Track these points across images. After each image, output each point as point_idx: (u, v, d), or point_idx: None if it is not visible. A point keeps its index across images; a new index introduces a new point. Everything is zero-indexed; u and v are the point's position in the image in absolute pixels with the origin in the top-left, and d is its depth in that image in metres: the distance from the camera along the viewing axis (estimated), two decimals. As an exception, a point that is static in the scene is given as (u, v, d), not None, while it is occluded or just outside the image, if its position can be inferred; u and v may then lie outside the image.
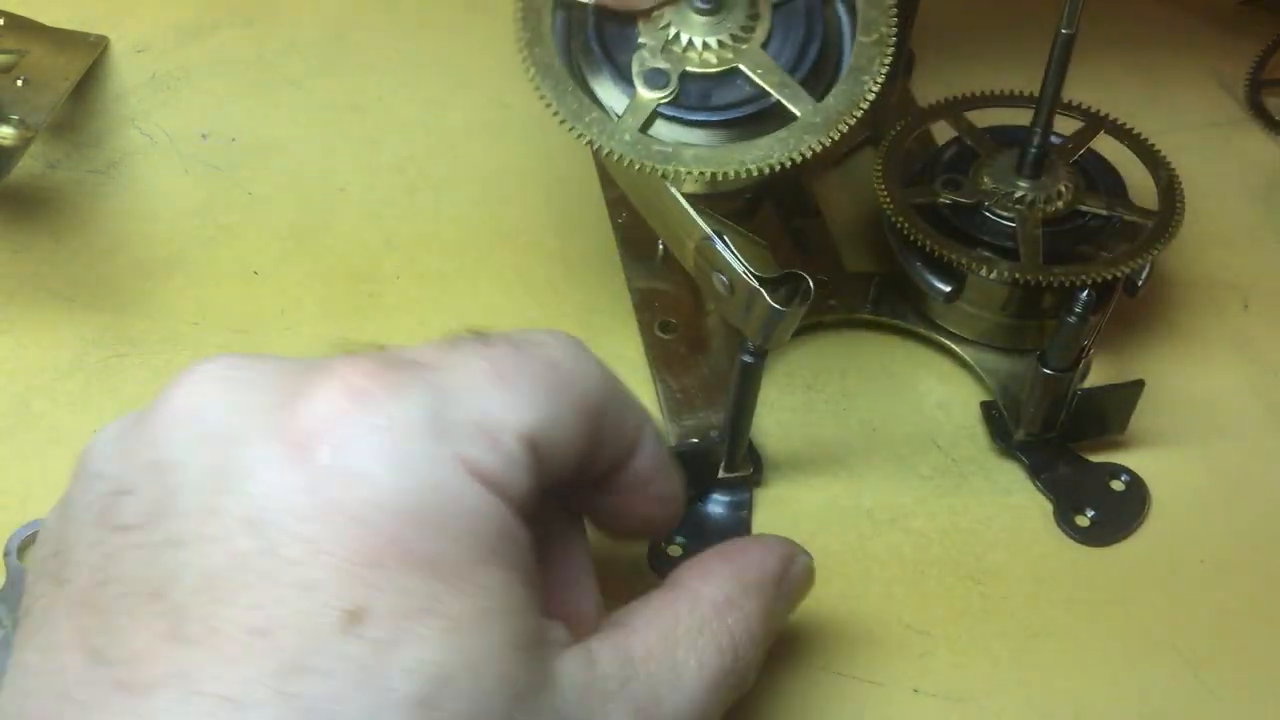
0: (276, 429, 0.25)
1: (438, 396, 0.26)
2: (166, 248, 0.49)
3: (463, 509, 0.25)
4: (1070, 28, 0.39)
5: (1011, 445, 0.43)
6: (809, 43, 0.36)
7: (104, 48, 0.57)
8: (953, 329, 0.45)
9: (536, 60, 0.35)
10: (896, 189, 0.44)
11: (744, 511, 0.41)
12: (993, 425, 0.43)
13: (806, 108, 0.35)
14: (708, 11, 0.35)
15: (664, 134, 0.35)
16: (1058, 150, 0.44)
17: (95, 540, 0.25)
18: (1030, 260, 0.41)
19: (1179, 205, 0.43)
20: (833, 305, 0.46)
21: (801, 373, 0.46)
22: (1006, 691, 0.37)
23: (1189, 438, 0.44)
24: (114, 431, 0.28)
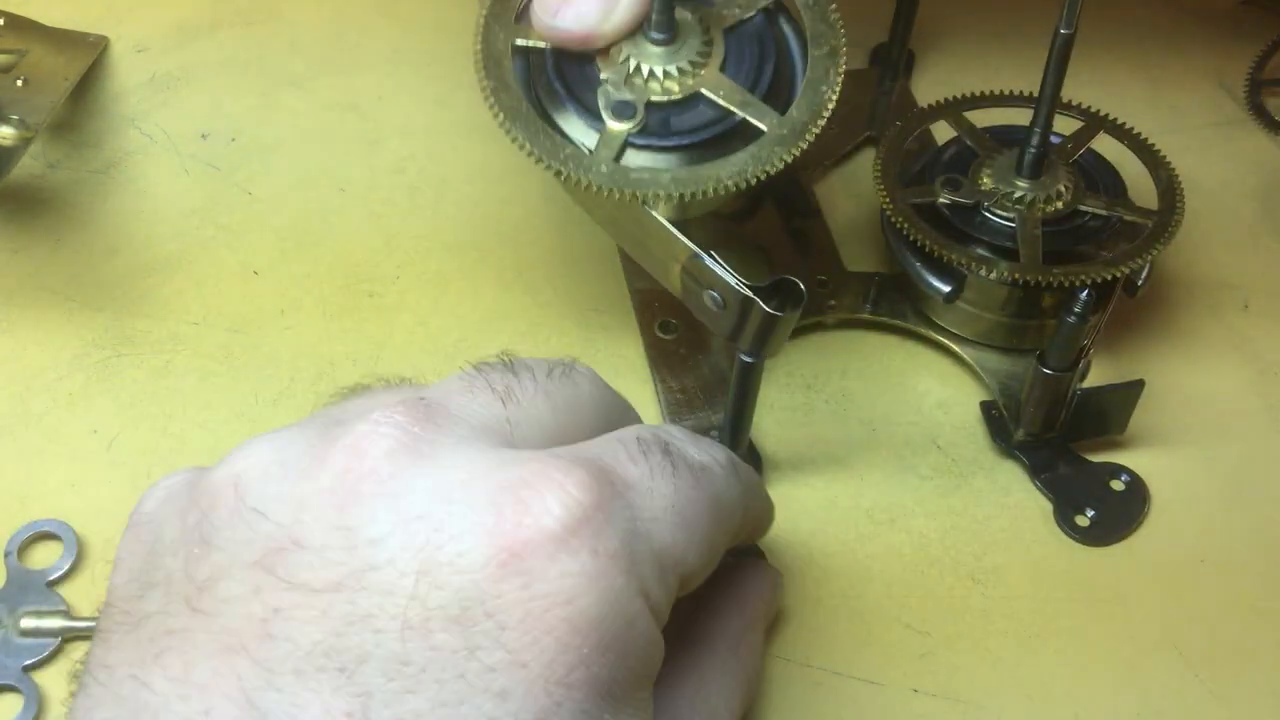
0: (492, 532, 0.25)
1: (633, 526, 0.26)
2: (166, 248, 0.49)
3: (638, 639, 0.26)
4: (1069, 28, 0.39)
5: (1011, 445, 0.43)
6: (764, 62, 0.37)
7: (104, 48, 0.57)
8: (952, 329, 0.45)
9: (504, 105, 0.36)
10: (896, 189, 0.44)
11: None
12: (992, 425, 0.43)
13: (772, 122, 0.36)
14: (663, 42, 0.36)
15: (637, 162, 0.36)
16: (1057, 150, 0.44)
17: (256, 585, 0.25)
18: (1030, 260, 0.41)
19: (1179, 205, 0.43)
20: (832, 305, 0.46)
21: (801, 373, 0.46)
22: (1006, 691, 0.37)
23: (1189, 437, 0.44)
24: (275, 467, 0.27)
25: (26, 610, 0.38)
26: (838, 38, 0.37)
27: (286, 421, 0.43)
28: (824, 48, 0.37)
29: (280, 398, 0.44)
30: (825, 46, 0.37)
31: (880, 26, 0.54)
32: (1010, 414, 0.43)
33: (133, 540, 0.28)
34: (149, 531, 0.28)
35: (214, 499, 0.27)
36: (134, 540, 0.28)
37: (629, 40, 0.36)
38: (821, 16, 0.38)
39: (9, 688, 0.37)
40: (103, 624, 0.27)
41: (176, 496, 0.28)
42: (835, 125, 0.52)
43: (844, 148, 0.53)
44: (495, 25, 0.38)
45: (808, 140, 0.36)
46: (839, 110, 0.53)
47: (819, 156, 0.52)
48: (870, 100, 0.55)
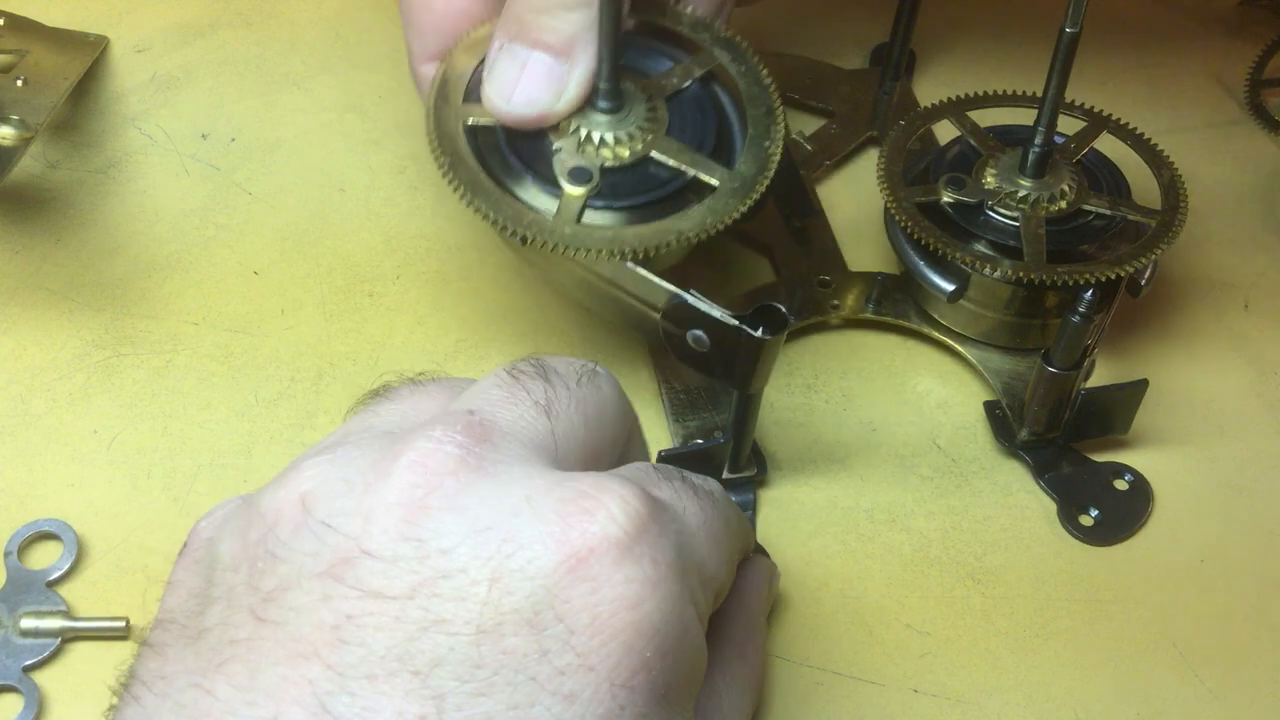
0: (560, 540, 0.26)
1: (681, 540, 0.28)
2: (166, 248, 0.49)
3: (691, 646, 0.27)
4: (1075, 26, 0.39)
5: (1015, 445, 0.43)
6: (706, 124, 0.40)
7: (104, 48, 0.57)
8: (956, 328, 0.45)
9: (463, 179, 0.38)
10: (899, 188, 0.44)
11: (749, 512, 0.41)
12: (996, 425, 0.43)
13: (722, 176, 0.38)
14: (611, 111, 0.38)
15: (598, 222, 0.38)
16: (1060, 150, 0.44)
17: (326, 593, 0.25)
18: (1034, 259, 0.41)
19: (1182, 204, 0.43)
20: (835, 305, 0.46)
21: (802, 373, 0.46)
22: (1006, 691, 0.37)
23: (1189, 437, 0.44)
24: (339, 484, 0.27)
25: (26, 610, 0.38)
26: (772, 98, 0.40)
27: (286, 421, 0.43)
28: (761, 107, 0.40)
29: (280, 398, 0.44)
30: (762, 106, 0.40)
31: (881, 26, 0.54)
32: (1014, 413, 0.43)
33: (189, 562, 0.28)
34: (206, 553, 0.28)
35: (279, 515, 0.27)
36: (190, 562, 0.28)
37: (578, 112, 0.38)
38: (755, 80, 0.40)
39: (9, 688, 0.37)
40: (155, 639, 0.27)
41: (232, 518, 0.28)
42: (837, 125, 0.53)
43: (846, 148, 0.53)
44: (444, 106, 0.39)
45: (760, 191, 0.38)
46: (839, 111, 0.54)
47: (821, 156, 0.52)
48: (872, 100, 0.55)
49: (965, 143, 0.45)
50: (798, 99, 0.55)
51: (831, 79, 0.56)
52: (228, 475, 0.42)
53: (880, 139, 0.49)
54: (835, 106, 0.54)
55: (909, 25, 0.52)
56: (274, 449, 0.43)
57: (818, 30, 0.59)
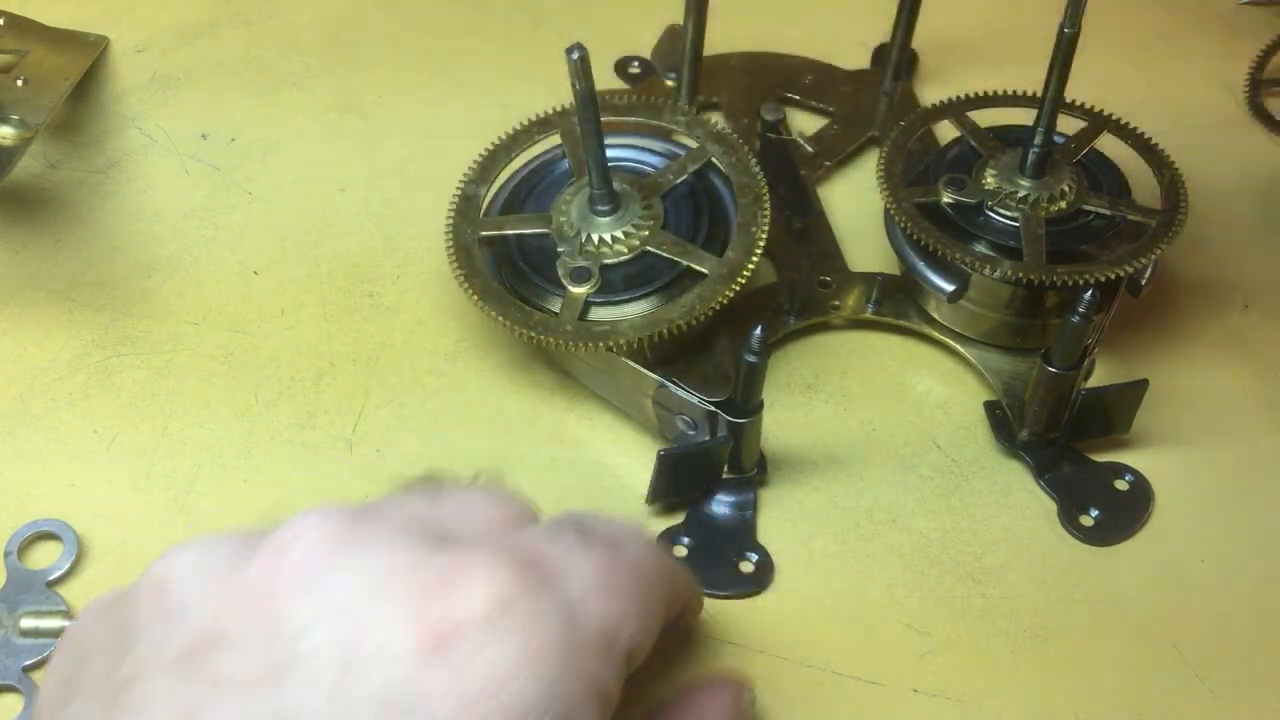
0: (418, 619, 0.25)
1: (567, 608, 0.26)
2: (166, 248, 0.49)
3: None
4: (1073, 26, 0.39)
5: (1015, 445, 0.43)
6: (699, 215, 0.42)
7: (104, 48, 0.57)
8: (956, 329, 0.45)
9: (477, 288, 0.41)
10: (899, 188, 0.44)
11: (749, 512, 0.41)
12: (996, 425, 0.43)
13: (712, 264, 0.41)
14: (607, 213, 0.41)
15: (603, 316, 0.41)
16: (1060, 150, 0.44)
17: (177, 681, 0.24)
18: (1034, 259, 0.41)
19: (1182, 204, 0.43)
20: (835, 306, 0.46)
21: (802, 373, 0.46)
22: (1006, 691, 0.37)
23: (1189, 437, 0.44)
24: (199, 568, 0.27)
25: (26, 610, 0.38)
26: (760, 185, 0.42)
27: (286, 421, 0.43)
28: (749, 195, 0.42)
29: (280, 398, 0.44)
30: (750, 195, 0.42)
31: (884, 27, 0.54)
32: (1014, 414, 0.43)
33: (63, 650, 0.28)
34: (79, 641, 0.28)
35: (136, 601, 0.26)
36: (63, 651, 0.28)
37: (580, 216, 0.41)
38: (744, 170, 0.43)
39: (9, 688, 0.37)
40: None
41: (107, 606, 0.28)
42: (838, 125, 0.53)
43: (847, 148, 0.53)
44: (463, 222, 0.43)
45: (745, 275, 0.40)
46: (839, 111, 0.53)
47: (822, 157, 0.52)
48: (873, 101, 0.55)
49: (966, 143, 0.45)
50: (798, 99, 0.55)
51: (832, 79, 0.56)
52: (228, 475, 0.42)
53: (881, 139, 0.49)
54: (836, 107, 0.54)
55: (909, 25, 0.52)
56: (274, 449, 0.43)
57: (820, 30, 0.59)
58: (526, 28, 0.60)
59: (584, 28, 0.58)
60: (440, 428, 0.43)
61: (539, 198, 0.44)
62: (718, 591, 0.39)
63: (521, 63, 0.58)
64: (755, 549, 0.40)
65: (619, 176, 0.43)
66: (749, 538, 0.41)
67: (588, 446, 0.43)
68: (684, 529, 0.41)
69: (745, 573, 0.40)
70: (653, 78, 0.56)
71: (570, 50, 0.38)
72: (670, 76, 0.56)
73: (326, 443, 0.43)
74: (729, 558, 0.40)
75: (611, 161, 0.44)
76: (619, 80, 0.57)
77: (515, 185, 0.45)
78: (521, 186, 0.45)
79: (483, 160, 0.45)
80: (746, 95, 0.55)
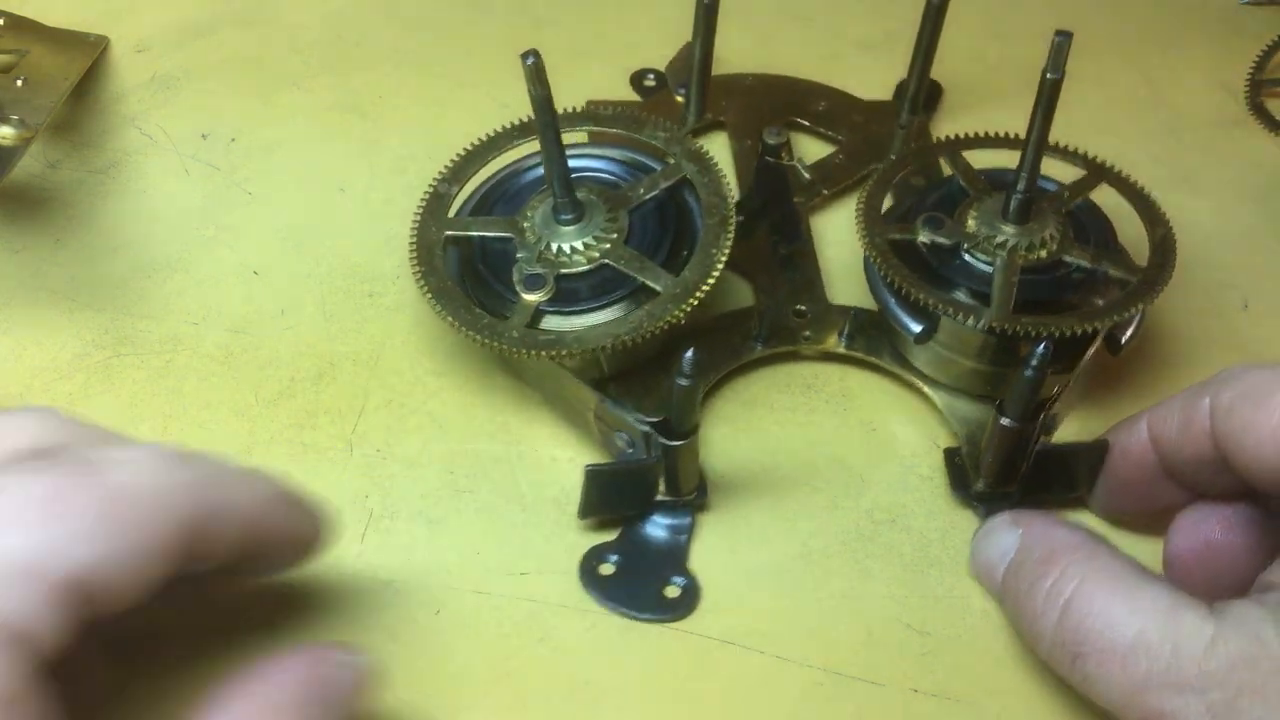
0: None
1: None
2: (166, 248, 0.49)
3: None
4: (1056, 73, 0.37)
5: (970, 495, 0.41)
6: (664, 233, 0.42)
7: (104, 48, 0.57)
8: (927, 371, 0.44)
9: (432, 286, 0.41)
10: (875, 222, 0.43)
11: (683, 537, 0.40)
12: (953, 473, 0.42)
13: (667, 283, 0.40)
14: (570, 222, 0.41)
15: (555, 326, 0.40)
16: (1051, 198, 0.42)
17: None
18: (1000, 306, 0.39)
19: (1170, 264, 0.41)
20: (807, 337, 0.45)
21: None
22: (1006, 692, 0.37)
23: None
24: None
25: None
26: (728, 208, 0.42)
27: (286, 421, 0.43)
28: (716, 217, 0.42)
29: (280, 398, 0.44)
30: (717, 216, 0.42)
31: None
32: (972, 463, 0.41)
33: None
34: None
35: None
36: None
37: (543, 224, 0.41)
38: (715, 191, 0.42)
39: (9, 688, 0.37)
40: None
41: None
42: (843, 155, 0.52)
43: (848, 179, 0.51)
44: (430, 220, 0.43)
45: (699, 297, 0.40)
46: (848, 141, 0.53)
47: (820, 185, 0.51)
48: (886, 133, 0.53)
49: (956, 183, 0.44)
50: (807, 125, 0.54)
51: (846, 108, 0.55)
52: (228, 475, 0.42)
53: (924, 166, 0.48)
54: (845, 136, 0.53)
55: (927, 57, 0.51)
56: (274, 449, 0.43)
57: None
58: (526, 28, 0.60)
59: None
60: (440, 428, 0.43)
61: (510, 202, 0.44)
62: (640, 614, 0.38)
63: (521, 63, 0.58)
64: (683, 575, 0.39)
65: (592, 187, 0.42)
66: (680, 563, 0.40)
67: (591, 448, 0.43)
68: (614, 547, 0.40)
69: (669, 598, 0.39)
70: (664, 92, 0.56)
71: (525, 55, 0.38)
72: (680, 91, 0.55)
73: (326, 443, 0.43)
74: (656, 581, 0.39)
75: (588, 172, 0.44)
76: (633, 92, 0.56)
77: (490, 188, 0.45)
78: (495, 190, 0.45)
79: (459, 160, 0.45)
80: (755, 116, 0.54)
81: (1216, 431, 0.34)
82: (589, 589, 0.39)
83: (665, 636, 0.38)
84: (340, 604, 0.38)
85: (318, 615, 0.38)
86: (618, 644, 0.38)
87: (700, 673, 0.37)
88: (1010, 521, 0.37)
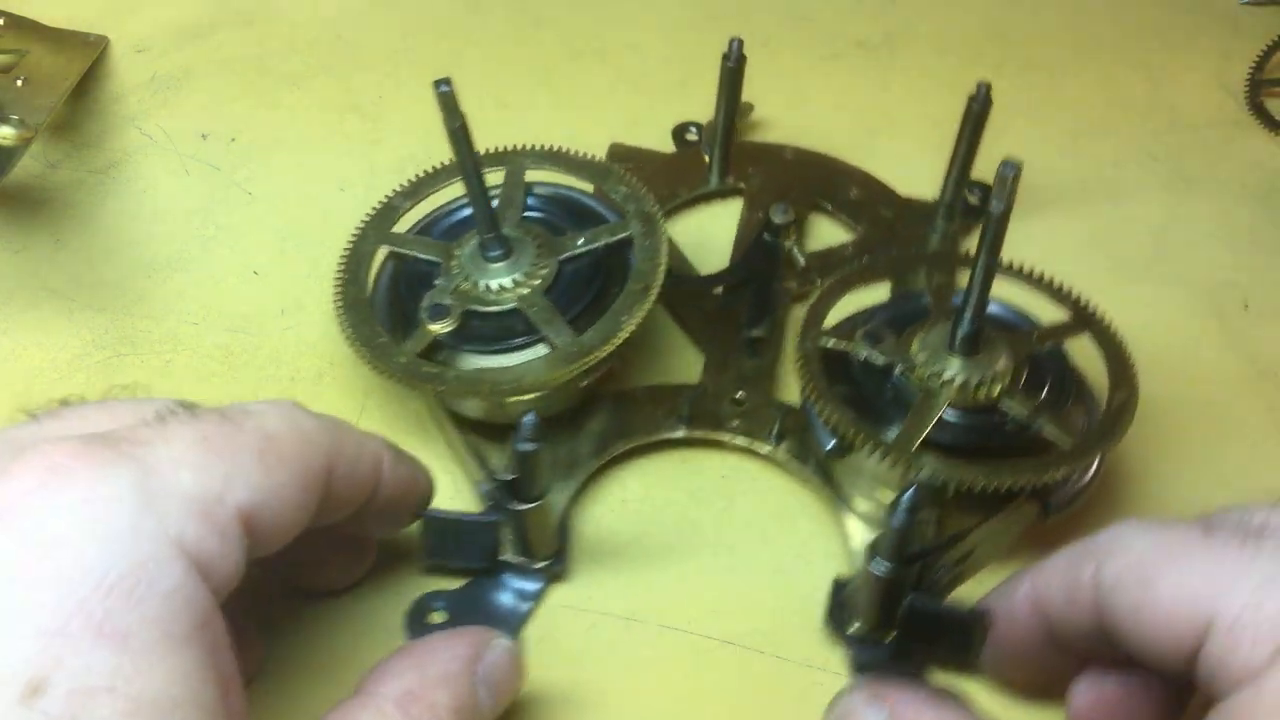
0: None
1: (144, 471, 0.26)
2: (166, 248, 0.49)
3: (164, 586, 0.25)
4: (1001, 203, 0.33)
5: (843, 633, 0.37)
6: (590, 288, 0.40)
7: (104, 48, 0.57)
8: (844, 490, 0.40)
9: (345, 296, 0.41)
10: (813, 326, 0.40)
11: (526, 604, 0.38)
12: (834, 606, 0.38)
13: (564, 340, 0.39)
14: (497, 259, 0.40)
15: (449, 359, 0.39)
16: (1017, 336, 0.39)
17: None
18: (903, 440, 0.36)
19: (1113, 435, 0.37)
20: (735, 427, 0.42)
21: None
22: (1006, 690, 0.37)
23: (1189, 437, 0.44)
24: None
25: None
26: (654, 279, 0.40)
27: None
28: (640, 284, 0.40)
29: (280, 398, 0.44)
30: (641, 284, 0.40)
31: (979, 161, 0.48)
32: (853, 601, 0.37)
33: None
34: None
35: None
36: None
37: (470, 257, 0.40)
38: (650, 257, 0.41)
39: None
40: None
41: None
42: (853, 249, 0.49)
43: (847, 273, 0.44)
44: (371, 231, 0.43)
45: (592, 361, 0.38)
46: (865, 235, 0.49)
47: (815, 274, 0.47)
48: (914, 234, 0.50)
49: (921, 299, 0.41)
50: (830, 210, 0.51)
51: (877, 199, 0.51)
52: (228, 475, 0.42)
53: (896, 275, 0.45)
54: (865, 229, 0.50)
55: (965, 162, 0.47)
56: (274, 449, 0.43)
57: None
58: (527, 28, 0.60)
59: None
60: (440, 426, 0.43)
61: (457, 227, 0.43)
62: None
63: (521, 63, 0.59)
64: None
65: (534, 229, 0.41)
66: (512, 630, 0.37)
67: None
68: (448, 596, 0.38)
69: None
70: (696, 148, 0.54)
71: (438, 83, 0.36)
72: (708, 151, 0.52)
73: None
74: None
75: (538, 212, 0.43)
76: (669, 143, 0.54)
77: (446, 211, 0.44)
78: (445, 215, 0.44)
79: (421, 177, 0.45)
80: (777, 190, 0.51)
81: (1102, 607, 0.30)
82: (408, 630, 0.37)
83: (666, 637, 0.38)
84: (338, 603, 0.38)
85: (316, 615, 0.38)
86: (618, 644, 0.38)
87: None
88: (869, 699, 0.32)
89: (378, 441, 0.34)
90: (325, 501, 0.30)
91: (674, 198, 0.51)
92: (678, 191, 0.51)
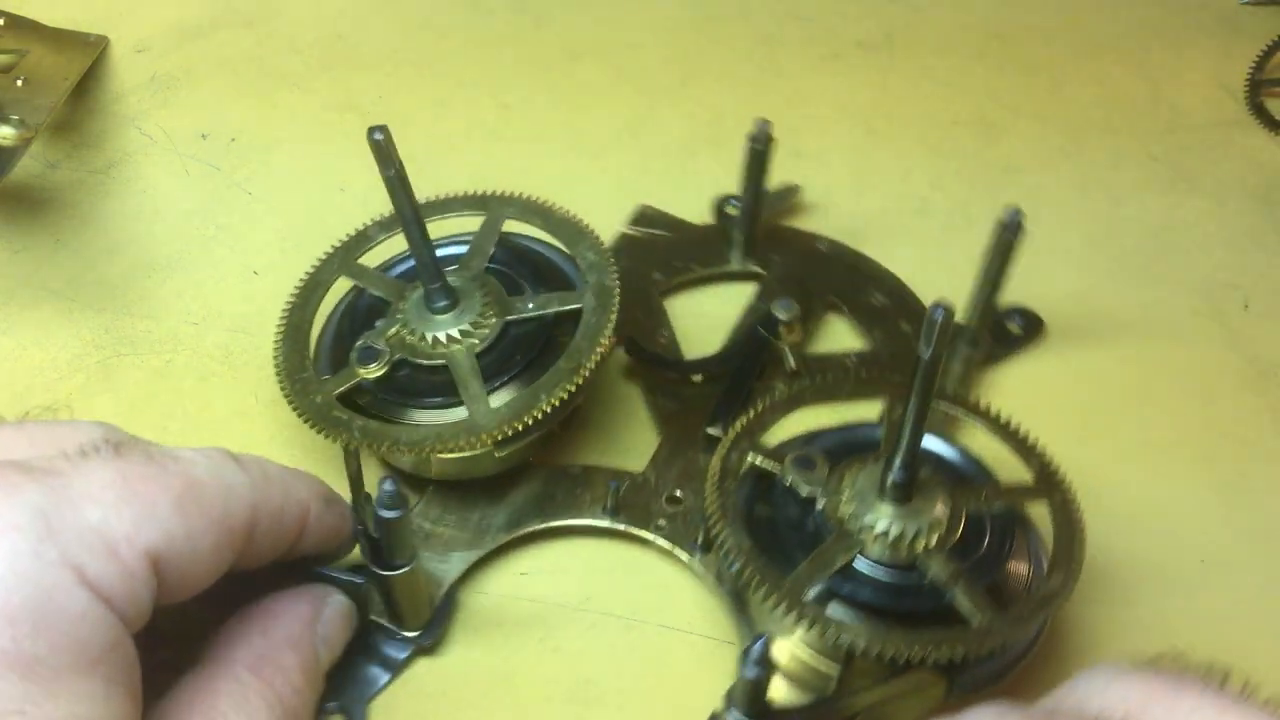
0: None
1: (52, 501, 0.26)
2: (166, 248, 0.49)
3: (67, 614, 0.25)
4: (931, 350, 0.30)
5: None
6: (526, 354, 0.39)
7: (104, 48, 0.57)
8: (757, 621, 0.37)
9: (289, 322, 0.41)
10: (749, 437, 0.37)
11: (387, 673, 0.36)
12: None
13: (480, 410, 0.37)
14: (441, 310, 0.39)
15: (368, 406, 0.38)
16: (968, 490, 0.36)
17: None
18: (795, 587, 0.33)
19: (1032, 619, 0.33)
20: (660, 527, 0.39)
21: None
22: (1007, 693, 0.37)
23: (1189, 437, 0.44)
24: None
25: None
26: (587, 361, 0.38)
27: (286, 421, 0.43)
28: (573, 363, 0.38)
29: (280, 398, 0.44)
30: (574, 362, 0.38)
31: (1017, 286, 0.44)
32: None
33: None
34: None
35: None
36: None
37: (416, 303, 0.39)
38: (590, 336, 0.39)
39: (9, 688, 0.37)
40: None
41: None
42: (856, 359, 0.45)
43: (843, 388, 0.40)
44: (335, 258, 0.42)
45: (494, 437, 0.36)
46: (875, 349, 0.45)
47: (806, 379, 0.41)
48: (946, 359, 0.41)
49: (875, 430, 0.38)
50: (846, 312, 0.47)
51: (901, 310, 0.47)
52: (228, 475, 0.42)
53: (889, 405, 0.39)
54: (878, 341, 0.46)
55: (992, 288, 0.43)
56: (274, 449, 0.43)
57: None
58: (527, 28, 0.60)
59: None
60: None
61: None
62: None
63: (521, 63, 0.59)
64: (355, 711, 0.35)
65: (489, 283, 0.40)
66: (360, 697, 0.36)
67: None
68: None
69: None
70: (727, 223, 0.50)
71: (372, 131, 0.35)
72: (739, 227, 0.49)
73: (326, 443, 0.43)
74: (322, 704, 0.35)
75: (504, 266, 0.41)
76: (707, 214, 0.51)
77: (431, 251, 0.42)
78: None
79: None
80: (795, 282, 0.48)
81: None
82: None
83: (666, 637, 0.38)
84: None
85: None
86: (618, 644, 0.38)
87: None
88: None
89: (309, 488, 0.33)
90: (245, 551, 0.30)
91: (689, 271, 0.48)
92: (697, 265, 0.49)
